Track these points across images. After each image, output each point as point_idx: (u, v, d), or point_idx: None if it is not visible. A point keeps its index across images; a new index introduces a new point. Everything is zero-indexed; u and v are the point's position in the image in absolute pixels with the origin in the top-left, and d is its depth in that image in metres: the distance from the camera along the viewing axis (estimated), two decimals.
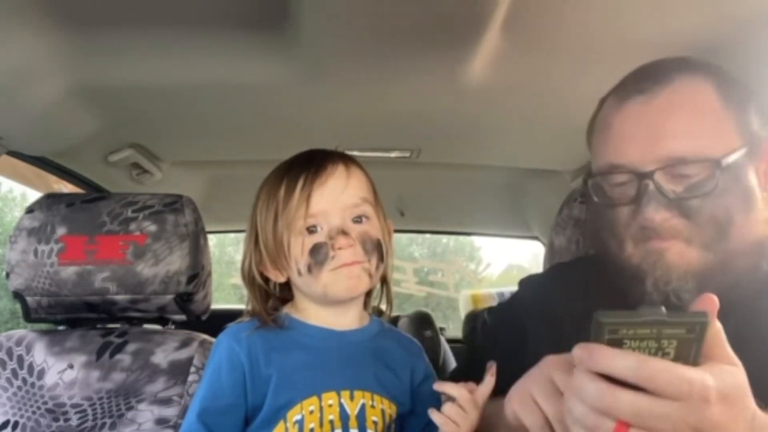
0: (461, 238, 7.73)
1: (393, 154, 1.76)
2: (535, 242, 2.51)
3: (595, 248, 0.97)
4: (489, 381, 0.78)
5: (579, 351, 0.52)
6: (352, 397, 0.82)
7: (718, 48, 1.02)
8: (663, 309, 0.50)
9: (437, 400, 0.80)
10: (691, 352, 0.51)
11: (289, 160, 0.88)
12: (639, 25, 1.01)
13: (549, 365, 0.65)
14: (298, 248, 0.82)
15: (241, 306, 0.91)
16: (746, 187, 0.74)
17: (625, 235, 0.77)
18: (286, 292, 0.91)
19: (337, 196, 0.83)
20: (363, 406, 0.82)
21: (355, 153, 1.69)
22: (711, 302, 0.53)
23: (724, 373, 0.52)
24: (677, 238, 0.74)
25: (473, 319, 2.59)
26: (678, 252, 0.74)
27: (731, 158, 0.72)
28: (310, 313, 0.87)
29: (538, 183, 2.06)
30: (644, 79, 0.76)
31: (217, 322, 1.06)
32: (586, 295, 0.86)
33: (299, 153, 0.89)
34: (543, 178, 1.99)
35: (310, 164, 0.84)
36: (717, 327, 0.53)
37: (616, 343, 0.51)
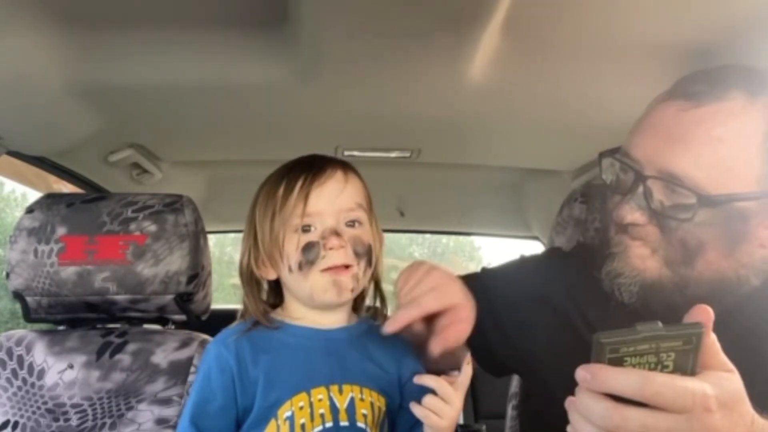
0: (461, 238, 7.72)
1: (393, 154, 1.75)
2: (535, 242, 2.50)
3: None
4: (467, 370, 0.80)
5: (582, 372, 0.53)
6: (341, 391, 0.83)
7: (719, 49, 1.02)
8: (659, 323, 0.51)
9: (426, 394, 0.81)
10: (689, 363, 0.52)
11: (291, 163, 0.91)
12: (639, 26, 1.01)
13: None
14: (292, 245, 0.84)
15: (241, 306, 0.92)
16: (736, 232, 0.72)
17: (611, 220, 0.79)
18: (278, 298, 0.92)
19: (333, 199, 0.85)
20: (352, 400, 0.83)
21: (355, 153, 1.70)
22: (705, 313, 0.54)
23: (722, 380, 0.53)
24: (644, 242, 0.76)
25: None
26: (640, 255, 0.76)
27: (723, 200, 0.70)
28: (298, 314, 0.89)
29: (538, 183, 2.06)
30: (699, 82, 0.74)
31: (217, 322, 1.06)
32: (567, 284, 0.89)
33: (301, 156, 0.91)
34: (543, 178, 1.99)
35: (311, 167, 0.87)
36: (712, 336, 0.54)
37: (618, 362, 0.52)
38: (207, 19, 1.06)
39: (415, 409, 0.79)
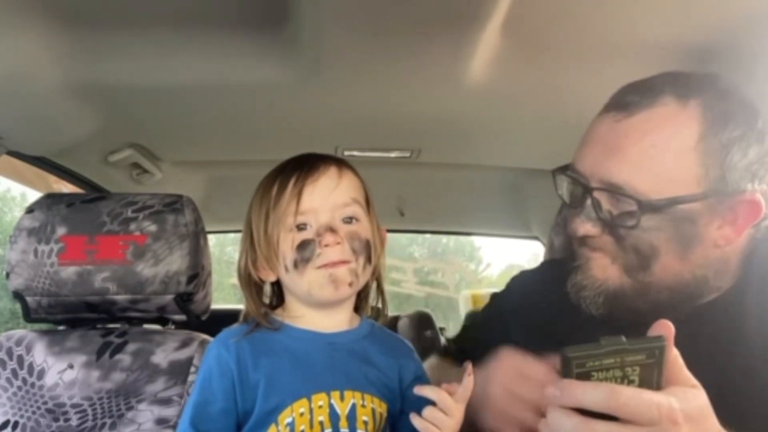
0: (461, 238, 7.73)
1: (393, 154, 1.76)
2: (535, 242, 2.51)
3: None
4: (468, 382, 0.78)
5: (552, 389, 0.55)
6: (342, 398, 0.82)
7: (719, 49, 1.03)
8: (623, 338, 0.53)
9: (428, 402, 0.80)
10: (653, 377, 0.54)
11: (284, 162, 0.90)
12: (639, 26, 1.01)
13: (505, 378, 0.73)
14: (287, 244, 0.83)
15: (241, 306, 0.92)
16: (686, 235, 0.72)
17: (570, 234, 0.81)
18: (280, 299, 0.92)
19: (327, 195, 0.84)
20: (354, 406, 0.82)
21: (355, 153, 1.70)
22: (666, 327, 0.55)
23: (688, 395, 0.54)
24: (603, 252, 0.77)
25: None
26: (601, 265, 0.77)
27: (665, 204, 0.70)
28: (299, 315, 0.88)
29: (538, 183, 2.06)
30: (631, 93, 0.75)
31: (217, 322, 1.06)
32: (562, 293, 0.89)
33: (295, 156, 0.91)
34: (543, 178, 1.98)
35: (303, 164, 0.86)
36: (675, 352, 0.56)
37: (585, 376, 0.53)
38: (207, 19, 1.06)
39: (415, 421, 0.78)
